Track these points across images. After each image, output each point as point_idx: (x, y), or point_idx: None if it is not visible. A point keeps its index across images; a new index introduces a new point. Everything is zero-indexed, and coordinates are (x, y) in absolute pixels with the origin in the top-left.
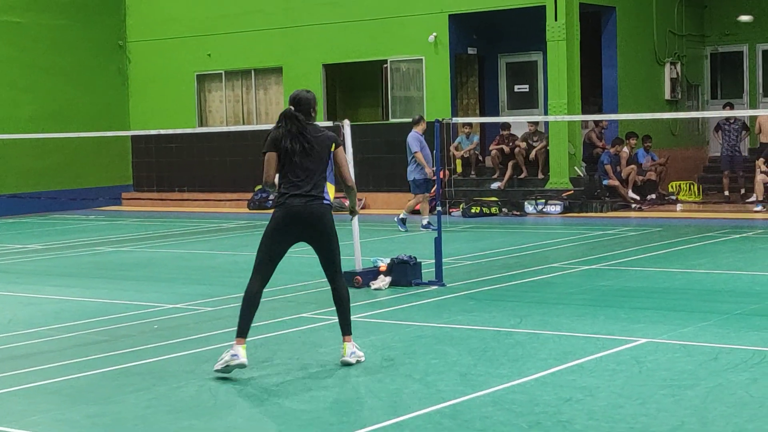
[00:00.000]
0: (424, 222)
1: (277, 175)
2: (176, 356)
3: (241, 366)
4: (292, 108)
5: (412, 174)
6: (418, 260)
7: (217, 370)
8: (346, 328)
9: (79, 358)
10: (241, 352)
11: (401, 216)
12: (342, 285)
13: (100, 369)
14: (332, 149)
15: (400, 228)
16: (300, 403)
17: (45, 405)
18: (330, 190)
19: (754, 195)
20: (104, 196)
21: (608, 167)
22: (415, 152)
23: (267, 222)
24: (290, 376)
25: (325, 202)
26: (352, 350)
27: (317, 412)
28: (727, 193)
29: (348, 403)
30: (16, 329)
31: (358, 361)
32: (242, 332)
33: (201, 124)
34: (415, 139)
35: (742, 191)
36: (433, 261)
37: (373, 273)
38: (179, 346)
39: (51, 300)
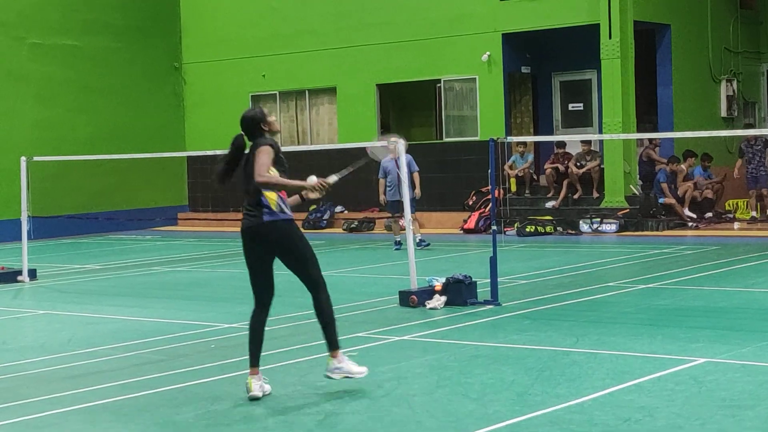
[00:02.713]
0: (417, 238)
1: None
2: (233, 376)
3: (254, 398)
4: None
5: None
6: (473, 279)
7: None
8: (330, 343)
9: (137, 377)
10: (252, 386)
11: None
12: (320, 297)
13: (159, 388)
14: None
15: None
16: (357, 423)
17: (104, 424)
18: (271, 199)
19: None
20: (160, 216)
21: (664, 185)
22: (417, 171)
23: (321, 241)
24: (346, 396)
25: (273, 217)
26: (335, 365)
27: None
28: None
29: (405, 423)
30: (76, 348)
31: (347, 377)
32: (252, 362)
33: None
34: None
35: None
36: (488, 280)
37: (429, 293)
38: (235, 366)
39: (109, 320)
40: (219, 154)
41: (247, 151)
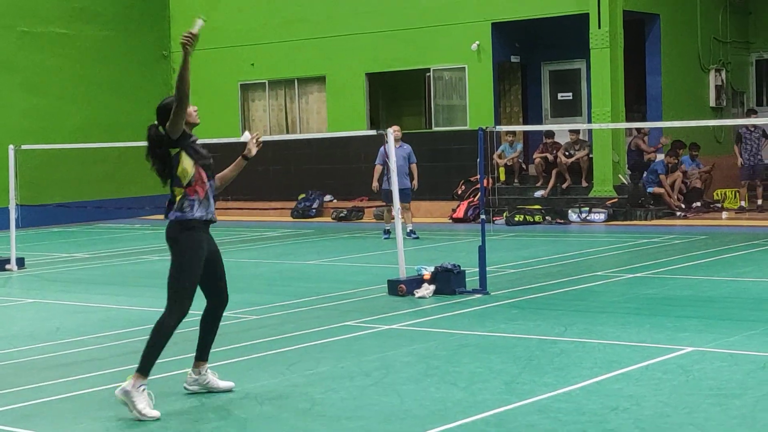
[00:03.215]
0: (408, 229)
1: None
2: (222, 364)
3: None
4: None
5: (407, 183)
6: (462, 268)
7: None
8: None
9: (126, 366)
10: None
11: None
12: (164, 318)
13: (149, 376)
14: (172, 151)
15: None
16: (345, 411)
17: (94, 413)
18: (177, 195)
19: None
20: (149, 205)
21: (662, 176)
22: (416, 162)
23: (310, 230)
24: (335, 384)
25: (171, 216)
26: (194, 378)
27: (363, 421)
28: (760, 202)
29: (393, 412)
30: (64, 337)
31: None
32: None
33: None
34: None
35: (759, 201)
36: (477, 269)
37: (417, 281)
38: (224, 354)
39: (98, 308)
40: (207, 143)
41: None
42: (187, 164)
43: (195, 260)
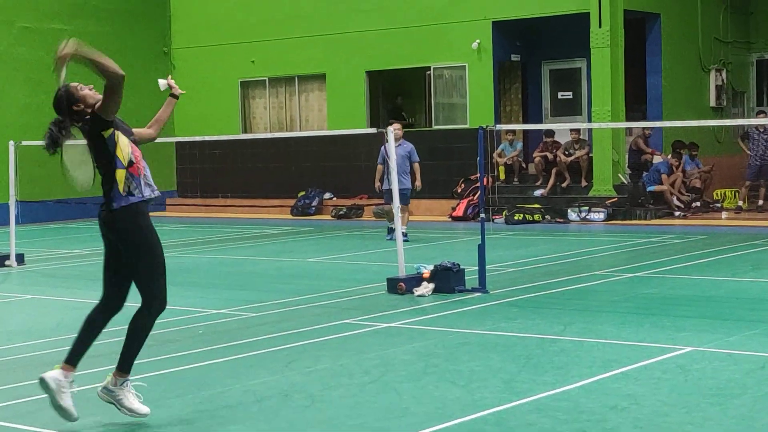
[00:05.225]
0: (404, 229)
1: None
2: (221, 361)
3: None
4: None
5: (407, 183)
6: (462, 267)
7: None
8: (122, 363)
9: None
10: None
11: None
12: (143, 315)
13: (146, 373)
14: (105, 134)
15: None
16: (344, 408)
17: (90, 409)
18: (120, 178)
19: None
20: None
21: (664, 176)
22: (418, 161)
23: (309, 228)
24: (333, 382)
25: (120, 203)
26: (111, 387)
27: (361, 418)
28: (761, 202)
29: (392, 410)
30: (64, 333)
31: (113, 405)
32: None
33: (245, 131)
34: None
35: (760, 202)
36: (477, 268)
37: (417, 280)
38: (223, 351)
39: None
40: (207, 140)
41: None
42: (123, 142)
43: (158, 241)
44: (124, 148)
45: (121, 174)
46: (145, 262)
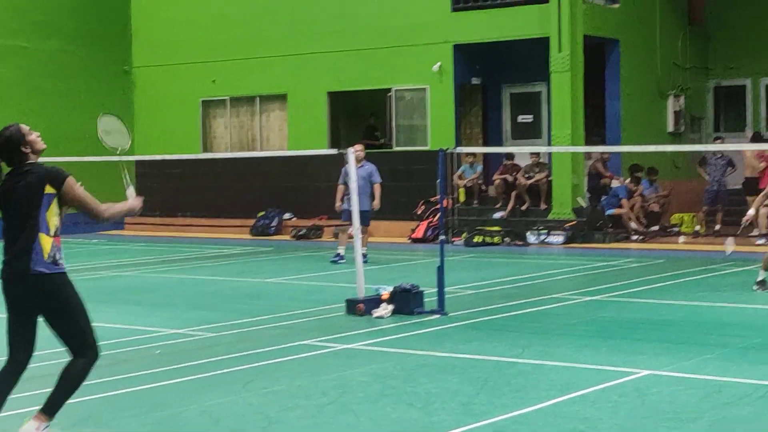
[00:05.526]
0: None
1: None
2: (177, 382)
3: None
4: None
5: (367, 205)
6: (421, 289)
7: None
8: (49, 406)
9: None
10: None
11: (341, 251)
12: (80, 361)
13: (102, 393)
14: (48, 190)
15: (340, 262)
16: (301, 430)
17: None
18: (45, 243)
19: (756, 229)
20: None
21: (624, 201)
22: (380, 182)
23: (269, 248)
24: (291, 403)
25: (41, 268)
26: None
27: None
28: (718, 227)
29: (349, 431)
30: None
31: None
32: None
33: (205, 150)
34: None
35: (717, 227)
36: (436, 290)
37: (376, 301)
38: (180, 372)
39: None
40: (167, 159)
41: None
42: (55, 211)
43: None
44: (54, 217)
45: (47, 241)
46: (78, 320)
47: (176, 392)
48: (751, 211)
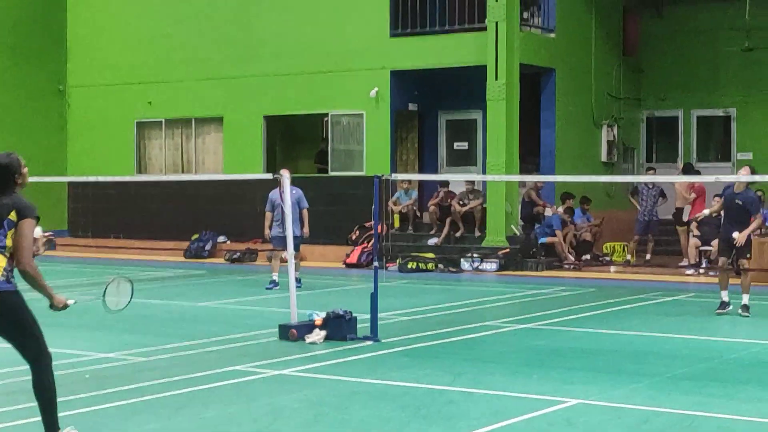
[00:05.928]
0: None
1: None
2: (107, 407)
3: None
4: None
5: (297, 230)
6: (354, 315)
7: None
8: (50, 426)
9: (5, 408)
10: None
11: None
12: (42, 371)
13: (28, 419)
14: (12, 217)
15: (275, 288)
16: None
17: None
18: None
19: (686, 259)
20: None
21: (558, 232)
22: (307, 208)
23: (202, 272)
24: (222, 429)
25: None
26: None
27: None
28: (649, 257)
29: None
30: None
31: None
32: None
33: (140, 172)
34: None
35: (648, 256)
36: (369, 316)
37: (308, 326)
38: (110, 397)
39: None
40: (101, 180)
41: None
42: (12, 235)
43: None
44: (10, 240)
45: (2, 260)
46: (33, 332)
47: (104, 418)
48: (736, 234)
